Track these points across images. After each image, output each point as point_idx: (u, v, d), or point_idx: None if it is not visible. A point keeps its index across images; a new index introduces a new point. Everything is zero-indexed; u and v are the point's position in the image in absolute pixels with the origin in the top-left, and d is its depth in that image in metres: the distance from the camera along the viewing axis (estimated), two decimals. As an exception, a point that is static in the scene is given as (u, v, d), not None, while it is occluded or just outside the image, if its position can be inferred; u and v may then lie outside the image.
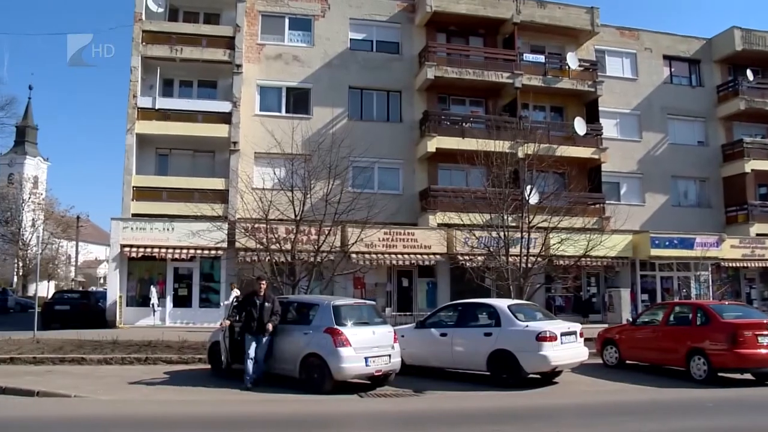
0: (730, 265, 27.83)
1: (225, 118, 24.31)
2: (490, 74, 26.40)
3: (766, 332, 11.93)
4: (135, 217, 23.05)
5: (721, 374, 12.17)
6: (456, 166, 23.08)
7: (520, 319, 11.77)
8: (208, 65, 25.04)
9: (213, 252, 21.74)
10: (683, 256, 26.10)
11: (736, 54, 30.41)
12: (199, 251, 22.28)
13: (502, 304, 12.43)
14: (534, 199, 18.71)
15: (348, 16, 27.02)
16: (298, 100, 26.16)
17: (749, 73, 30.09)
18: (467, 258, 21.39)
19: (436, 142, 25.24)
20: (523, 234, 17.38)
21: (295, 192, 15.76)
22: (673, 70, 30.96)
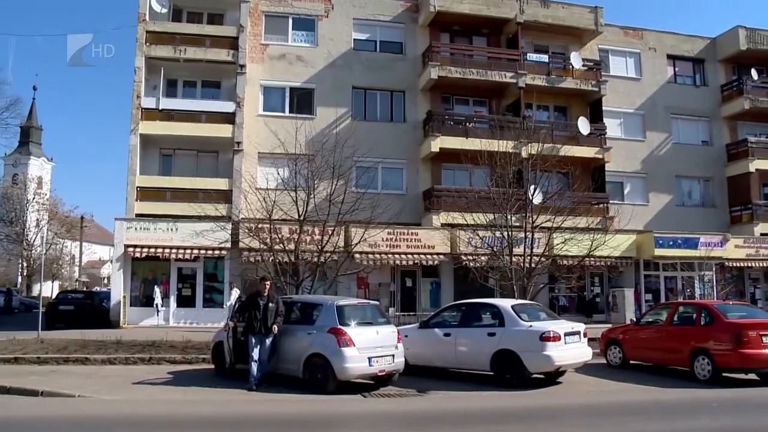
0: (735, 264, 27.76)
1: (229, 119, 24.37)
2: (494, 74, 26.38)
3: (771, 332, 11.87)
4: (139, 218, 23.09)
5: (725, 374, 12.14)
6: (459, 166, 23.03)
7: (523, 319, 11.75)
8: (212, 65, 25.07)
9: (217, 252, 21.84)
10: (687, 256, 26.00)
11: (741, 53, 30.31)
12: (203, 251, 22.34)
13: (505, 304, 12.41)
14: (537, 199, 18.68)
15: (351, 17, 27.03)
16: (302, 100, 26.17)
17: (754, 73, 30.00)
18: (471, 258, 21.34)
19: (439, 142, 25.24)
20: (527, 234, 17.37)
21: (298, 192, 15.77)
22: (677, 69, 30.86)
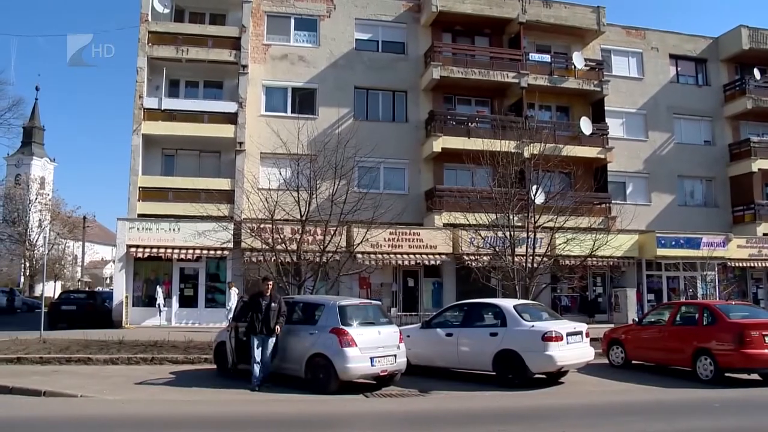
0: (737, 264, 27.70)
1: (231, 119, 24.38)
2: (496, 74, 26.38)
3: (773, 332, 11.85)
4: (141, 218, 23.11)
5: (727, 374, 12.13)
6: (462, 166, 23.05)
7: (525, 319, 11.73)
8: (214, 66, 25.08)
9: (219, 252, 21.89)
10: (689, 256, 25.96)
11: (743, 53, 30.25)
12: (205, 251, 22.38)
13: (507, 304, 12.40)
14: (540, 199, 18.65)
15: (353, 17, 27.05)
16: (304, 101, 26.18)
17: (756, 72, 29.94)
18: (473, 258, 21.37)
19: (441, 142, 25.24)
20: (529, 234, 17.37)
21: (300, 192, 15.76)
22: (679, 69, 30.83)
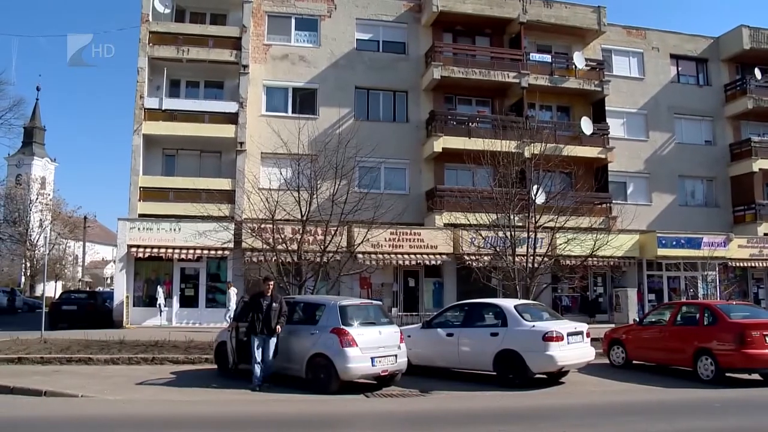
0: (738, 264, 27.69)
1: (231, 119, 24.40)
2: (497, 74, 26.39)
3: (775, 332, 11.84)
4: (142, 218, 23.14)
5: (728, 374, 12.11)
6: (462, 166, 23.02)
7: (526, 319, 11.72)
8: (215, 66, 25.09)
9: (220, 252, 21.92)
10: (690, 256, 25.95)
11: (744, 53, 30.24)
12: (206, 251, 22.40)
13: (508, 304, 12.39)
14: (540, 199, 18.65)
15: (354, 17, 27.05)
16: (305, 101, 26.21)
17: (757, 72, 29.92)
18: (473, 258, 21.35)
19: (442, 142, 25.25)
20: (530, 234, 17.37)
21: (301, 192, 15.75)
22: (680, 69, 30.84)
